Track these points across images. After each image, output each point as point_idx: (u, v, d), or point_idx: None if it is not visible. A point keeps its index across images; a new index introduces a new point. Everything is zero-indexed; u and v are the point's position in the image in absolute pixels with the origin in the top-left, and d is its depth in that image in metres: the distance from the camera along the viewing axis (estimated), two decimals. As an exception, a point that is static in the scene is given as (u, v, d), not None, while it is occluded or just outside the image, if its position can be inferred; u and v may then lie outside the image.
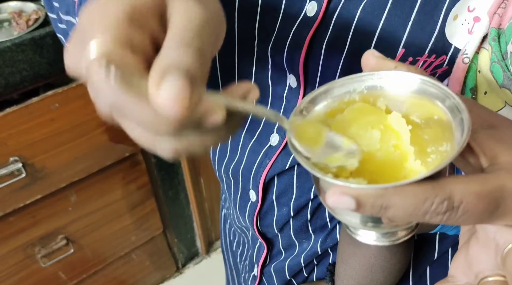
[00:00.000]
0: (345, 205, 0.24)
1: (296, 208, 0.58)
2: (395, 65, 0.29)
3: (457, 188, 0.24)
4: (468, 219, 0.25)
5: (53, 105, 1.10)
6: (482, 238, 0.28)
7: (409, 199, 0.24)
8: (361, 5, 0.42)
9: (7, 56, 1.01)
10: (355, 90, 0.30)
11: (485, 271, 0.28)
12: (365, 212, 0.25)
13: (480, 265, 0.28)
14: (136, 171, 1.39)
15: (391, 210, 0.24)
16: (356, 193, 0.24)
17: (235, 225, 0.72)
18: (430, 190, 0.24)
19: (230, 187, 0.64)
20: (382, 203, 0.24)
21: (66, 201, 1.28)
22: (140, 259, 1.59)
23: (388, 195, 0.24)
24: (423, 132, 0.28)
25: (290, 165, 0.55)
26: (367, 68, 0.30)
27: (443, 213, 0.25)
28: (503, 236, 0.26)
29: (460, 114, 0.26)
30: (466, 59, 0.40)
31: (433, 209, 0.24)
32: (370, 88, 0.29)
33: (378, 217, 0.26)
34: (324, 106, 0.30)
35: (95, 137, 1.21)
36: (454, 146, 0.26)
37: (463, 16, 0.40)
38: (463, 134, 0.25)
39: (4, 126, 1.06)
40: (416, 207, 0.24)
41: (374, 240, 0.29)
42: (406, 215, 0.25)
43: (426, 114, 0.28)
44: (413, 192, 0.24)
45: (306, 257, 0.62)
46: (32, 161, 1.13)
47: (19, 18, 1.07)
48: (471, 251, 0.29)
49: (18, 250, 1.26)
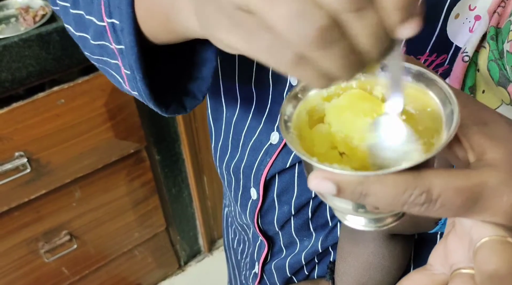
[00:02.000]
0: (326, 190, 0.25)
1: (297, 206, 0.58)
2: None
3: (437, 182, 0.25)
4: (446, 212, 0.26)
5: (59, 101, 1.11)
6: (459, 231, 0.29)
7: (389, 188, 0.25)
8: None
9: (14, 52, 1.02)
10: None
11: (459, 263, 0.28)
12: (345, 197, 0.25)
13: (455, 257, 0.29)
14: (140, 168, 1.39)
15: (370, 198, 0.25)
16: (338, 178, 0.25)
17: (236, 222, 0.72)
18: (410, 181, 0.25)
19: (231, 185, 0.65)
20: (362, 190, 0.25)
21: (70, 196, 1.29)
22: (142, 256, 1.60)
23: (368, 183, 0.25)
24: (417, 123, 0.28)
25: (291, 163, 0.55)
26: None
27: (421, 205, 0.25)
28: (478, 231, 0.27)
29: (451, 106, 0.26)
30: (465, 57, 0.40)
31: (412, 200, 0.25)
32: (367, 75, 0.30)
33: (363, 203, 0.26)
34: (320, 90, 0.30)
35: (100, 133, 1.22)
36: (442, 138, 0.26)
37: (464, 14, 0.40)
38: (451, 127, 0.25)
39: (10, 121, 1.07)
40: (395, 197, 0.25)
41: (362, 225, 0.29)
42: (385, 204, 0.25)
43: (420, 105, 0.29)
44: (394, 182, 0.25)
45: (306, 255, 0.62)
46: (37, 156, 1.14)
47: (26, 14, 1.08)
48: (449, 242, 0.30)
49: (21, 245, 1.27)
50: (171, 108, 0.48)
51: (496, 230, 0.26)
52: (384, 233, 0.47)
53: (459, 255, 0.28)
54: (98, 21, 0.45)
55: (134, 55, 0.41)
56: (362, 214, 0.28)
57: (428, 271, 0.30)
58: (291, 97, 0.29)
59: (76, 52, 1.09)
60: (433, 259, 0.31)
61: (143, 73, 0.42)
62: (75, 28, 0.48)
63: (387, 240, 0.47)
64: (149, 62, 0.43)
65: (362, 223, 0.29)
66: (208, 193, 1.68)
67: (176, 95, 0.47)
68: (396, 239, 0.48)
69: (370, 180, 0.24)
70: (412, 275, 0.31)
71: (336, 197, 0.25)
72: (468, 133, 0.27)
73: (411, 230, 0.47)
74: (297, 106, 0.29)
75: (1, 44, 1.00)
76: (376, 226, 0.29)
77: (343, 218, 0.30)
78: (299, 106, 0.29)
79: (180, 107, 0.47)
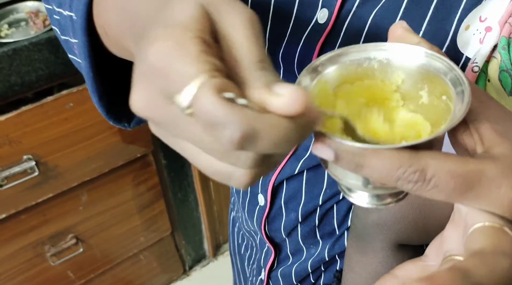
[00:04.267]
0: (325, 155, 0.27)
1: (304, 213, 0.58)
2: (419, 41, 0.30)
3: (433, 162, 0.26)
4: (438, 194, 0.26)
5: (68, 104, 1.12)
6: (456, 218, 0.29)
7: (384, 162, 0.26)
8: (373, 12, 0.42)
9: (23, 55, 1.03)
10: (375, 58, 0.31)
11: (452, 250, 0.28)
12: (341, 166, 0.27)
13: (450, 244, 0.29)
14: (147, 172, 1.39)
15: (365, 170, 0.26)
16: (337, 146, 0.26)
17: (243, 228, 0.72)
18: (406, 158, 0.26)
19: (239, 190, 0.65)
20: (358, 161, 0.26)
21: (77, 200, 1.29)
22: (147, 260, 1.60)
23: (365, 155, 0.26)
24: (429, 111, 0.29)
25: (299, 170, 0.55)
26: (392, 38, 0.31)
27: (414, 182, 0.26)
28: (473, 217, 0.27)
29: (463, 96, 0.27)
30: (475, 67, 0.40)
31: (405, 177, 0.26)
32: (389, 59, 0.31)
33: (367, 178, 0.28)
34: (340, 68, 0.31)
35: (107, 137, 1.22)
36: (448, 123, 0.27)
37: (475, 26, 0.40)
38: (457, 115, 0.26)
39: (19, 124, 1.07)
40: (389, 172, 0.26)
41: (367, 203, 0.31)
42: (380, 177, 0.26)
43: (436, 90, 0.30)
44: (389, 157, 0.26)
45: (313, 263, 0.62)
46: (45, 159, 1.15)
47: (36, 18, 1.09)
48: (445, 231, 0.30)
49: (28, 248, 1.27)
50: (134, 120, 0.50)
51: (492, 218, 0.27)
52: (393, 243, 0.47)
53: (454, 242, 0.29)
54: (69, 37, 0.46)
55: (90, 79, 0.42)
56: (366, 188, 0.30)
57: (421, 262, 0.31)
58: (310, 70, 0.30)
59: (85, 57, 1.09)
60: (429, 250, 0.31)
61: (98, 96, 0.44)
62: (60, 32, 0.49)
63: (396, 250, 0.47)
64: None
65: (367, 201, 0.31)
66: (214, 198, 1.68)
67: None
68: (405, 249, 0.47)
69: (367, 152, 0.26)
70: (405, 264, 0.31)
71: (334, 164, 0.27)
72: (480, 127, 0.28)
73: (420, 241, 0.47)
74: (315, 78, 0.30)
75: (11, 48, 1.01)
76: (377, 204, 0.31)
77: (349, 196, 0.32)
78: (317, 79, 0.30)
79: None
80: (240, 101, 0.23)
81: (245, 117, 0.22)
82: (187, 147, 0.26)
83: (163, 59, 0.23)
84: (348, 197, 0.32)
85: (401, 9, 0.41)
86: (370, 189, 0.30)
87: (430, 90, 0.30)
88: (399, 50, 0.30)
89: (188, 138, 0.25)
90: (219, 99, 0.22)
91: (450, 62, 0.29)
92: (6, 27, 1.09)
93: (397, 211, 0.45)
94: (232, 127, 0.22)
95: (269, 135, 0.22)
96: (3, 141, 1.07)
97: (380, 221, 0.46)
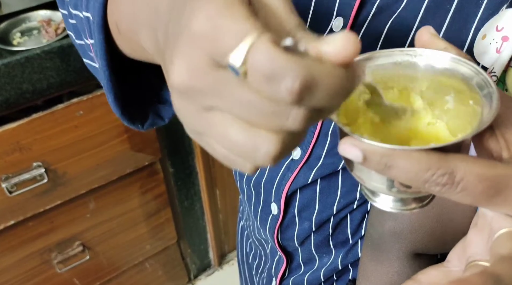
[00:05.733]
0: (353, 156, 0.26)
1: (318, 222, 0.58)
2: (445, 46, 0.31)
3: (462, 165, 0.26)
4: (466, 197, 0.26)
5: (78, 112, 1.13)
6: (481, 223, 0.29)
7: (413, 164, 0.25)
8: (389, 22, 0.43)
9: (36, 63, 1.04)
10: (402, 62, 0.31)
11: (476, 255, 0.28)
12: (369, 166, 0.26)
13: (473, 249, 0.29)
14: (154, 180, 1.40)
15: (394, 171, 0.26)
16: (366, 147, 0.26)
17: (253, 237, 0.72)
18: (435, 160, 0.25)
19: (251, 199, 0.65)
20: (387, 162, 0.26)
21: (85, 207, 1.30)
22: (153, 269, 1.60)
23: (394, 156, 0.26)
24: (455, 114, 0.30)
25: (313, 179, 0.55)
26: (419, 44, 0.31)
27: (442, 185, 0.26)
28: (499, 222, 0.27)
29: (491, 100, 0.27)
30: (493, 77, 0.40)
31: (434, 179, 0.26)
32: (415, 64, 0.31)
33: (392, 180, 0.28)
34: (367, 72, 0.31)
35: (116, 145, 1.23)
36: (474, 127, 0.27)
37: (491, 35, 0.41)
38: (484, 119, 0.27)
39: (29, 132, 1.08)
40: (417, 173, 0.25)
41: (390, 207, 0.31)
42: (407, 179, 0.26)
43: (462, 95, 0.30)
44: (418, 159, 0.25)
45: (326, 272, 0.62)
46: (55, 166, 1.15)
47: (48, 26, 1.10)
48: (468, 236, 0.30)
49: (35, 255, 1.27)
50: (148, 122, 0.49)
51: None
52: (409, 252, 0.47)
53: (478, 247, 0.29)
54: (85, 39, 0.46)
55: (105, 78, 0.42)
56: (390, 192, 0.30)
57: (444, 268, 0.31)
58: None
59: (96, 65, 1.10)
60: (452, 255, 0.31)
61: (114, 95, 0.43)
62: (75, 36, 0.49)
63: (412, 260, 0.47)
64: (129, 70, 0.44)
65: (391, 205, 0.31)
66: (220, 207, 1.68)
67: (152, 105, 0.48)
68: (421, 258, 0.47)
69: (396, 153, 0.25)
70: (428, 270, 0.31)
71: (361, 165, 0.27)
72: (506, 133, 0.28)
73: (436, 250, 0.47)
74: None
75: (24, 56, 1.02)
76: (401, 209, 0.31)
77: (373, 201, 0.31)
78: None
79: (157, 118, 0.48)
80: (300, 47, 0.21)
81: (305, 64, 0.21)
82: (217, 119, 0.24)
83: (211, 21, 0.22)
84: (371, 201, 0.32)
85: (417, 19, 0.42)
86: (395, 193, 0.29)
87: (456, 95, 0.30)
88: (426, 55, 0.31)
89: (230, 105, 0.23)
90: (277, 48, 0.21)
91: (476, 67, 0.29)
92: (19, 36, 1.10)
93: (414, 220, 0.45)
94: (292, 76, 0.20)
95: (328, 84, 0.21)
96: (14, 148, 1.08)
97: (396, 230, 0.46)
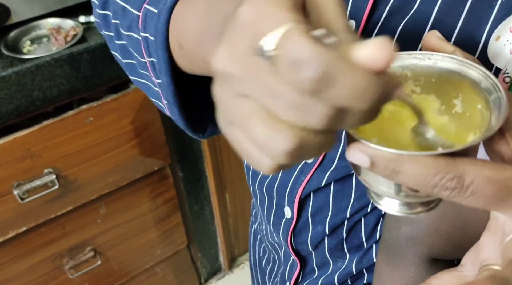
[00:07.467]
0: (360, 161, 0.26)
1: (331, 226, 0.57)
2: (453, 50, 0.30)
3: (471, 169, 0.25)
4: (476, 201, 0.26)
5: (88, 119, 1.13)
6: (493, 227, 0.29)
7: (421, 169, 0.25)
8: (401, 24, 0.43)
9: (46, 71, 1.04)
10: (409, 66, 0.31)
11: (489, 259, 0.28)
12: (377, 172, 0.26)
13: (486, 253, 0.28)
14: (164, 185, 1.40)
15: (401, 176, 0.26)
16: (373, 152, 0.26)
17: (266, 241, 0.72)
18: (443, 165, 0.25)
19: (264, 203, 0.65)
20: (395, 167, 0.25)
21: (96, 213, 1.30)
22: (164, 273, 1.60)
23: (402, 161, 0.25)
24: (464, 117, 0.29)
25: (326, 182, 0.55)
26: (426, 47, 0.31)
27: (451, 189, 0.25)
28: (510, 225, 0.27)
29: (499, 105, 0.27)
30: (507, 78, 0.40)
31: (442, 184, 0.25)
32: (423, 67, 0.31)
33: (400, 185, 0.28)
34: None
35: (126, 150, 1.23)
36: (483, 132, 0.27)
37: (505, 36, 0.40)
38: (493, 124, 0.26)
39: (40, 138, 1.09)
40: (426, 178, 0.25)
41: (397, 211, 0.31)
42: (415, 184, 0.26)
43: (470, 98, 0.29)
44: (426, 163, 0.25)
45: (340, 277, 0.61)
46: (66, 172, 1.16)
47: (57, 34, 1.10)
48: (481, 239, 0.30)
49: (47, 261, 1.28)
50: (208, 131, 0.49)
51: None
52: (426, 257, 0.46)
53: (490, 251, 0.28)
54: (140, 57, 0.47)
55: (171, 92, 0.43)
56: (397, 196, 0.29)
57: (457, 272, 0.30)
58: None
59: (105, 71, 1.11)
60: (465, 260, 0.31)
61: (179, 107, 0.44)
62: (121, 56, 0.50)
63: (428, 265, 0.47)
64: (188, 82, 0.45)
65: (397, 209, 0.31)
66: (230, 211, 1.68)
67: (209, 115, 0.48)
68: (438, 263, 0.47)
69: (403, 158, 0.25)
70: (441, 274, 0.31)
71: (369, 170, 0.26)
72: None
73: (453, 255, 0.46)
74: None
75: (34, 64, 1.03)
76: (408, 212, 0.31)
77: (376, 202, 0.31)
78: None
79: (215, 127, 0.49)
80: (329, 40, 0.22)
81: (328, 55, 0.21)
82: (248, 108, 0.24)
83: (256, 10, 0.23)
84: (377, 204, 0.31)
85: (430, 21, 0.42)
86: (402, 197, 0.29)
87: (464, 99, 0.30)
88: (435, 58, 0.30)
89: (260, 94, 0.23)
90: (306, 37, 0.21)
91: (485, 70, 0.29)
92: (29, 44, 1.11)
93: (430, 224, 0.44)
94: (314, 65, 0.20)
95: (348, 81, 0.21)
96: (25, 155, 1.08)
97: (412, 234, 0.46)
